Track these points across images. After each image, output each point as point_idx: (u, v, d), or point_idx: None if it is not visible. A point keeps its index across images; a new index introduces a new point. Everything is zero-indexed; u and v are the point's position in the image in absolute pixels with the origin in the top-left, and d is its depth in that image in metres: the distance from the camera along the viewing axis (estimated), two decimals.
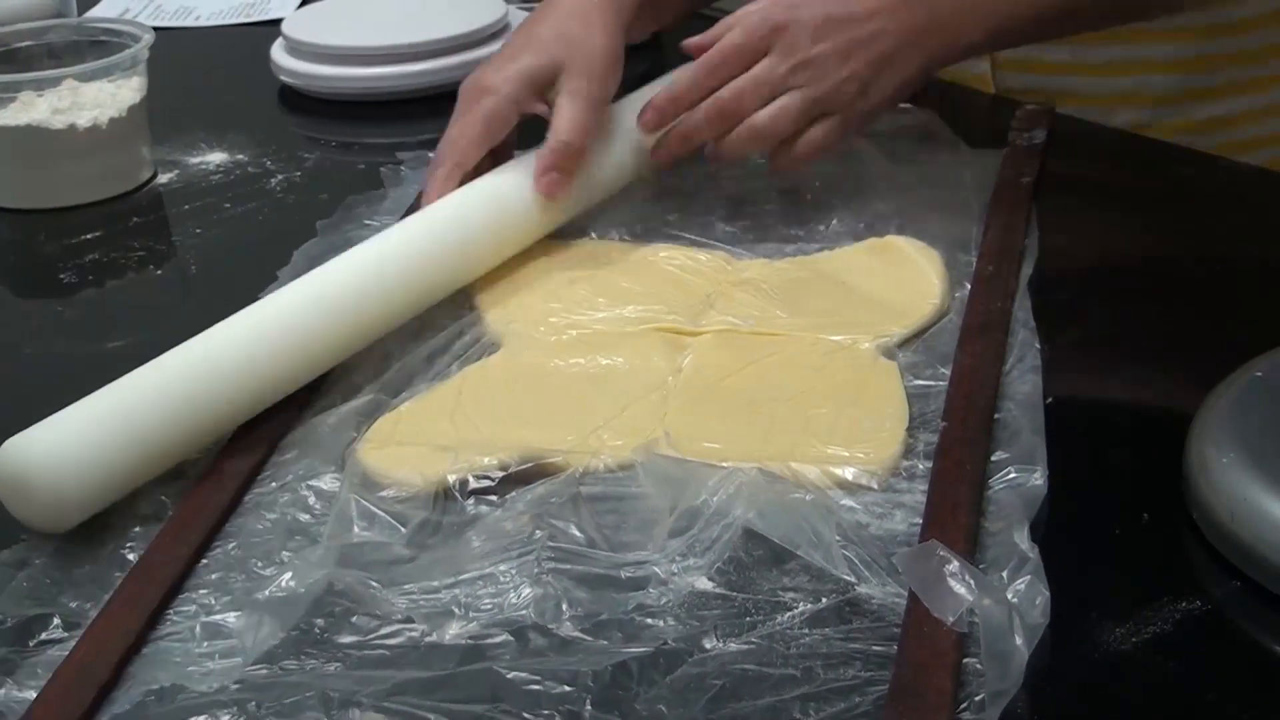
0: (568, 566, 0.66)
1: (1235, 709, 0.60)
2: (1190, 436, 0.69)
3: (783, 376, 0.78)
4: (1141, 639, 0.62)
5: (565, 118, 0.90)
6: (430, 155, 1.03)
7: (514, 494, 0.70)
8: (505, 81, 0.91)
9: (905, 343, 0.81)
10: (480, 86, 0.92)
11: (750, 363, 0.80)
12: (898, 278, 0.86)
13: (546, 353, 0.82)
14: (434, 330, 0.84)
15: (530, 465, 0.72)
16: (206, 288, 0.92)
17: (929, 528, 0.66)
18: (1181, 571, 0.66)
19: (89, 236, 1.01)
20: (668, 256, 0.90)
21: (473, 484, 0.71)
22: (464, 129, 0.91)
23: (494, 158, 0.93)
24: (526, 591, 0.64)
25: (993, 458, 0.71)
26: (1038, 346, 0.78)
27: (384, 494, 0.71)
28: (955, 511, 0.67)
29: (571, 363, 0.80)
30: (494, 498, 0.71)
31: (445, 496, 0.71)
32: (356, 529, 0.68)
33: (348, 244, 0.93)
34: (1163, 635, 0.62)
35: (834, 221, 0.94)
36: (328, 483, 0.72)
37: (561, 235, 0.94)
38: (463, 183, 0.90)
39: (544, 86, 0.92)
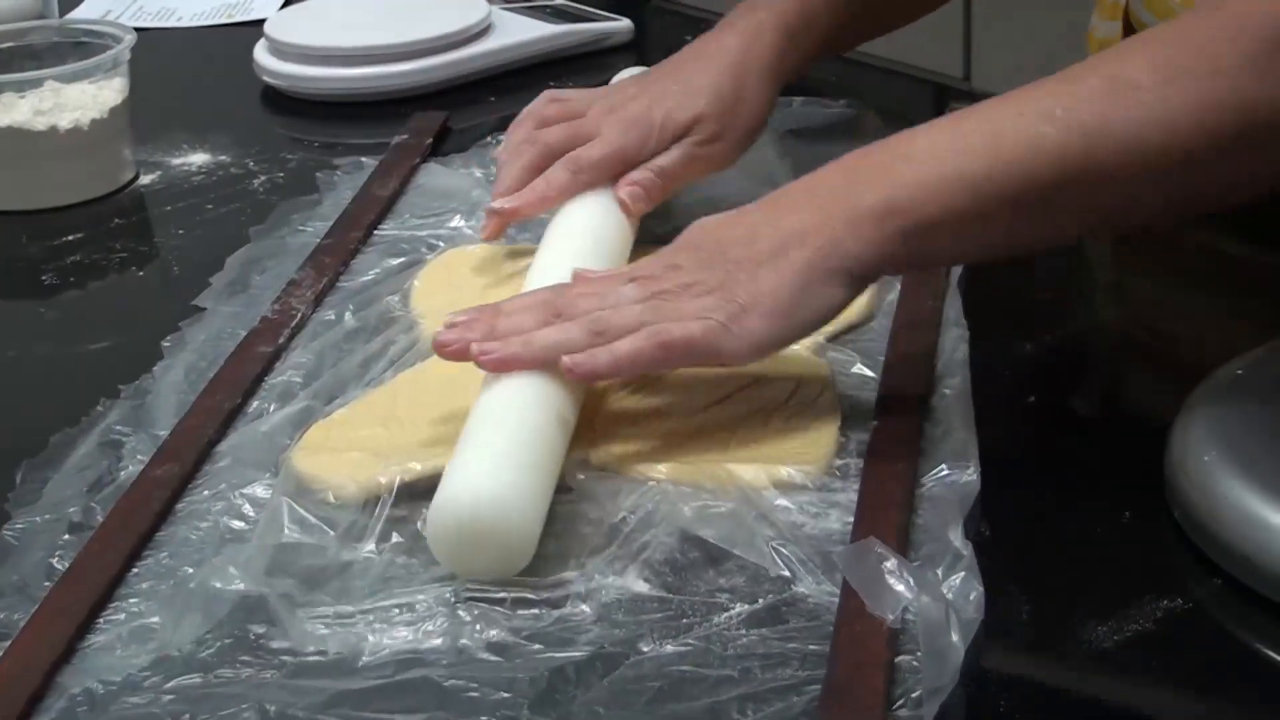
0: (484, 592, 0.65)
1: (1217, 706, 0.60)
2: (1172, 434, 0.69)
3: (713, 377, 0.77)
4: (1123, 637, 0.62)
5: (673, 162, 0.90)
6: (364, 160, 1.04)
7: None
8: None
9: (836, 341, 0.81)
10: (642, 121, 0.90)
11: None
12: None
13: None
14: (368, 336, 0.84)
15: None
16: (189, 289, 0.91)
17: (860, 525, 0.66)
18: (1163, 570, 0.66)
19: (71, 238, 1.01)
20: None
21: (403, 486, 0.70)
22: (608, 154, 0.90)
23: None
24: (442, 621, 0.64)
25: (925, 455, 0.71)
26: (967, 344, 0.77)
27: (316, 499, 0.70)
28: (886, 509, 0.67)
29: None
30: (427, 504, 0.69)
31: (377, 502, 0.70)
32: (287, 531, 0.68)
33: (282, 249, 0.93)
34: (1144, 633, 0.62)
35: None
36: (261, 490, 0.72)
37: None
38: None
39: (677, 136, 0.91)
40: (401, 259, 0.92)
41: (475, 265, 0.91)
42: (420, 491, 0.69)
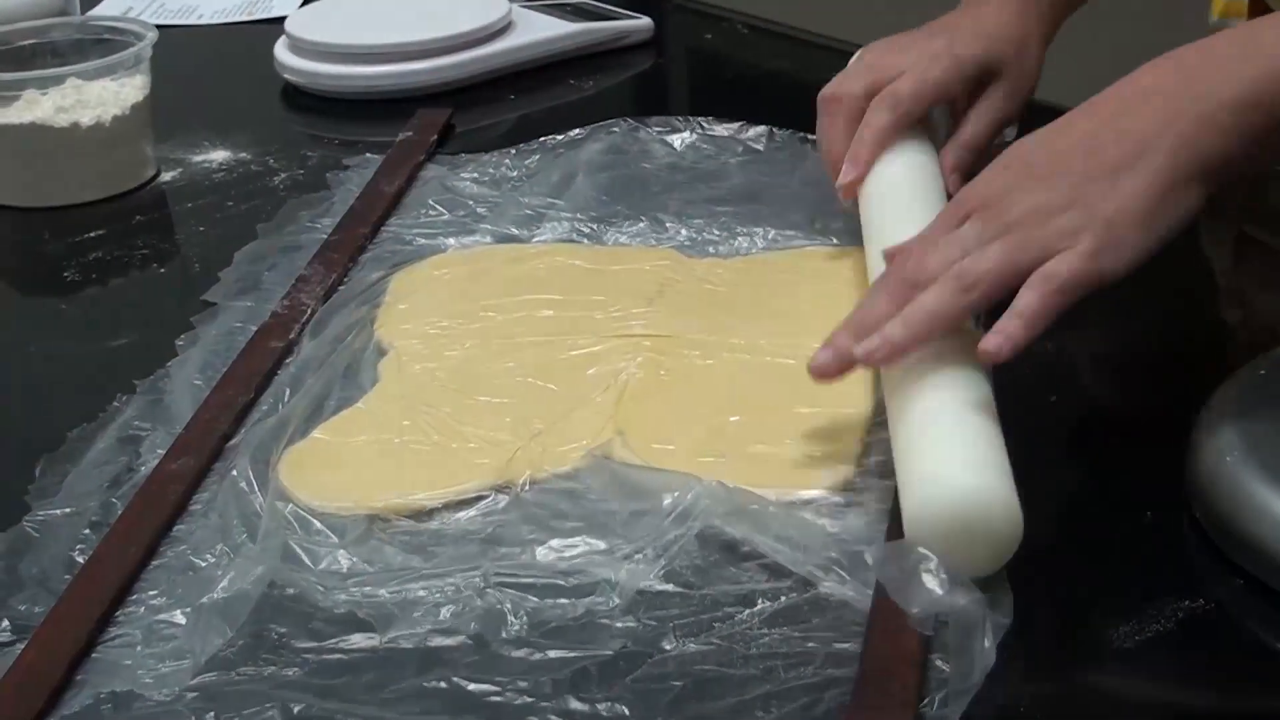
0: (514, 578, 0.65)
1: (1238, 707, 0.60)
2: (1194, 435, 0.69)
3: (738, 376, 0.78)
4: (1145, 637, 0.62)
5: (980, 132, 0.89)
6: (369, 156, 1.05)
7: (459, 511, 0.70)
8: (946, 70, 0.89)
9: None
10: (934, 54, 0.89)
11: (704, 363, 0.79)
12: (849, 280, 0.85)
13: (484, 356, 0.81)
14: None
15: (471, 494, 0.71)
16: (209, 286, 0.92)
17: (893, 527, 0.66)
18: (1184, 570, 0.66)
19: (92, 235, 1.01)
20: (615, 254, 0.91)
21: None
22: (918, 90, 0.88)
23: None
24: (477, 603, 0.64)
25: None
26: None
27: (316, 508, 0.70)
28: None
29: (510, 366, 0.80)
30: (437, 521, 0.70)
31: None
32: (289, 536, 0.68)
33: (291, 246, 0.93)
34: (1166, 634, 0.62)
35: (792, 221, 0.93)
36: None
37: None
38: None
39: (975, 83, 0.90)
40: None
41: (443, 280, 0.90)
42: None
